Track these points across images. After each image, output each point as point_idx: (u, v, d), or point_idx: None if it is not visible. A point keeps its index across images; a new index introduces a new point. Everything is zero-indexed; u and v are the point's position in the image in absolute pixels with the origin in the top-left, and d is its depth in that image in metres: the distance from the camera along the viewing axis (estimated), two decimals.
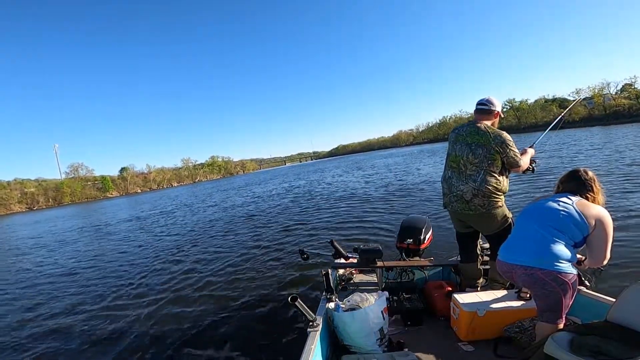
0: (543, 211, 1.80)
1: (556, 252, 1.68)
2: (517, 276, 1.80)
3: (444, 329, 2.43)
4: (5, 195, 67.86)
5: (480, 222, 2.49)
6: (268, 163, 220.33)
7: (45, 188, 76.12)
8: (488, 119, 2.47)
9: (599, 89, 54.53)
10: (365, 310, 2.15)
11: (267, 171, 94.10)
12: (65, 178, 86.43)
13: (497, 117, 2.53)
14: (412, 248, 3.17)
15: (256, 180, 40.47)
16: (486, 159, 2.33)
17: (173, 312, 4.29)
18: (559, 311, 1.72)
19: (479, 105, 2.51)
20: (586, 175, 1.84)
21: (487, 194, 2.35)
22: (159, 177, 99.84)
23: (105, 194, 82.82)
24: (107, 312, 4.60)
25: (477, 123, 2.42)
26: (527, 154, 2.55)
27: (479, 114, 2.50)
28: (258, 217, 11.03)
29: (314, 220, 9.04)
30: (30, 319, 4.81)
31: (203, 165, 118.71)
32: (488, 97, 2.51)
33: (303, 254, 3.06)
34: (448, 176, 2.56)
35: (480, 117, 2.48)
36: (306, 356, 1.74)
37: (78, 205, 56.02)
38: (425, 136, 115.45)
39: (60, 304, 5.24)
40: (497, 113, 2.50)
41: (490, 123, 2.46)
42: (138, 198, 46.86)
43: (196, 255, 7.10)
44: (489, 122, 2.46)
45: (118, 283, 5.91)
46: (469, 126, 2.46)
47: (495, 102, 2.49)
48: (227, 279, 5.23)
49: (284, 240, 7.17)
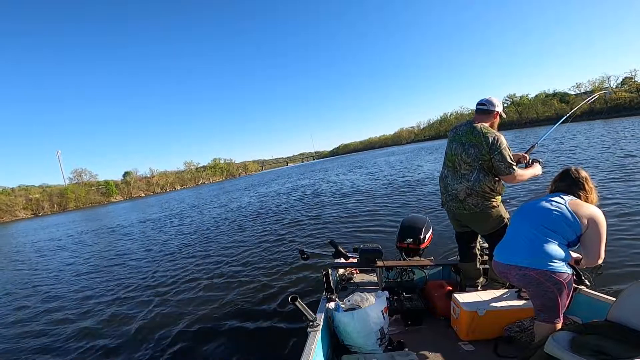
0: (536, 211, 1.80)
1: (549, 251, 1.68)
2: (512, 277, 1.80)
3: (444, 329, 2.43)
4: (10, 202, 68.37)
5: (475, 222, 2.49)
6: (270, 164, 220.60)
7: (50, 194, 76.58)
8: (487, 120, 2.45)
9: (599, 82, 54.38)
10: (365, 310, 2.15)
11: (269, 172, 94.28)
12: (69, 183, 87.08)
13: (497, 118, 2.49)
14: (412, 248, 3.16)
15: (259, 181, 40.53)
16: (478, 159, 2.31)
17: (173, 311, 4.33)
18: (556, 311, 1.72)
19: (479, 106, 2.49)
20: (578, 174, 1.83)
21: (480, 194, 2.34)
22: (162, 180, 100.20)
23: (109, 198, 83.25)
24: (88, 310, 4.66)
25: (474, 123, 2.41)
26: (532, 168, 2.42)
27: (478, 114, 2.48)
28: (258, 218, 11.06)
29: (314, 220, 9.04)
30: (87, 311, 4.96)
31: (205, 168, 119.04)
32: (488, 97, 2.49)
33: (303, 254, 3.07)
34: (444, 175, 2.56)
35: (479, 117, 2.46)
36: (306, 356, 1.74)
37: (83, 211, 56.35)
38: (427, 133, 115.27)
39: (108, 297, 5.47)
40: (497, 113, 2.47)
41: (490, 123, 2.44)
42: (143, 202, 47.05)
43: (198, 256, 7.16)
44: (488, 122, 2.44)
45: (111, 285, 6.04)
46: (466, 125, 2.45)
47: (495, 103, 2.46)
48: (227, 278, 5.25)
49: (284, 240, 7.19)
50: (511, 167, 2.25)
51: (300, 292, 4.11)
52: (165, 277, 5.96)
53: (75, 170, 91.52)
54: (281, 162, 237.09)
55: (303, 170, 49.53)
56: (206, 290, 4.91)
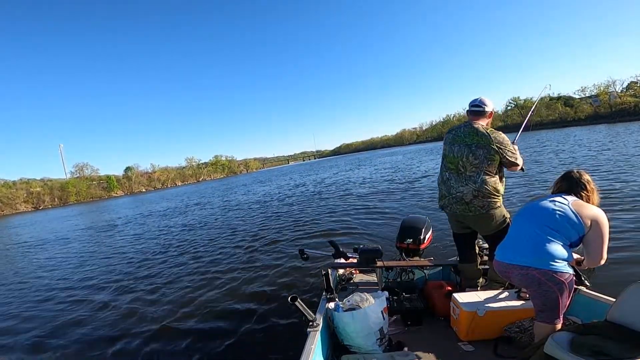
0: (539, 211, 1.80)
1: (552, 251, 1.68)
2: (513, 276, 1.81)
3: (444, 329, 2.43)
4: (11, 195, 68.54)
5: (479, 223, 2.49)
6: (271, 162, 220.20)
7: (51, 188, 76.64)
8: (483, 120, 2.48)
9: (604, 86, 54.13)
10: (365, 310, 2.15)
11: (271, 170, 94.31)
12: (70, 178, 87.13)
13: (491, 117, 2.55)
14: (412, 248, 3.17)
15: (260, 178, 40.54)
16: (486, 160, 2.32)
17: (173, 310, 4.32)
18: (556, 311, 1.72)
19: (473, 107, 2.51)
20: (579, 175, 1.86)
21: (486, 195, 2.34)
22: (163, 176, 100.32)
23: (110, 193, 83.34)
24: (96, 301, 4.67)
25: (473, 124, 2.42)
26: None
27: (473, 115, 2.50)
28: (258, 217, 11.05)
29: (314, 220, 9.04)
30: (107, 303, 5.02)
31: (207, 165, 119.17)
32: (480, 97, 2.52)
33: (303, 254, 3.07)
34: (446, 178, 2.55)
35: (474, 118, 2.48)
36: (306, 356, 1.74)
37: (84, 205, 56.32)
38: (429, 134, 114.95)
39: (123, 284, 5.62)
40: (491, 113, 2.52)
41: (485, 123, 2.48)
42: (144, 197, 47.12)
43: (198, 255, 7.14)
44: (484, 122, 2.47)
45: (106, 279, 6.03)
46: (466, 127, 2.45)
47: (488, 103, 2.50)
48: (227, 279, 5.24)
49: (284, 240, 7.18)
50: (518, 159, 2.38)
51: (300, 292, 4.11)
52: (161, 277, 5.93)
53: (77, 165, 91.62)
54: (283, 160, 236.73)
55: (304, 169, 49.53)
56: (205, 289, 4.89)
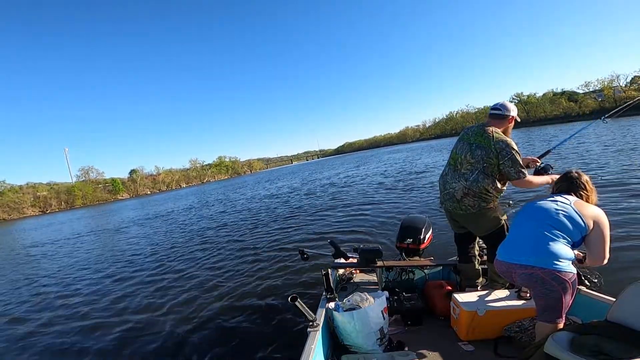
0: (541, 211, 1.80)
1: (555, 250, 1.67)
2: (516, 275, 1.80)
3: (444, 329, 2.42)
4: (18, 199, 69.45)
5: (471, 223, 2.48)
6: (275, 162, 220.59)
7: (57, 191, 77.63)
8: (501, 124, 2.41)
9: (608, 81, 53.75)
10: (365, 310, 2.15)
11: (274, 170, 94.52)
12: (76, 181, 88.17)
13: (512, 122, 2.45)
14: (412, 248, 3.16)
15: (266, 179, 40.66)
16: (482, 161, 2.30)
17: (173, 309, 4.37)
18: (559, 310, 1.71)
19: (493, 110, 2.45)
20: (578, 175, 1.89)
21: (477, 194, 2.33)
22: (168, 178, 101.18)
23: (115, 196, 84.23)
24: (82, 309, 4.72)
25: (486, 126, 2.38)
26: (544, 176, 2.34)
27: (492, 118, 2.44)
28: (258, 217, 11.10)
29: (314, 220, 9.05)
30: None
31: (211, 166, 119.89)
32: (503, 101, 2.45)
33: (303, 254, 3.08)
34: (445, 172, 2.57)
35: (492, 122, 2.42)
36: (306, 356, 1.75)
37: (91, 208, 56.83)
38: (432, 132, 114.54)
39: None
40: (512, 118, 2.42)
41: (503, 128, 2.41)
42: (149, 199, 47.46)
43: (198, 256, 7.18)
44: (502, 127, 2.40)
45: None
46: (477, 127, 2.43)
47: (509, 107, 2.42)
48: (227, 279, 5.27)
49: (284, 240, 7.19)
50: (521, 172, 2.24)
51: (300, 292, 4.11)
52: (159, 278, 5.97)
53: (83, 168, 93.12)
54: (286, 160, 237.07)
55: (307, 168, 49.58)
56: (205, 290, 4.92)
